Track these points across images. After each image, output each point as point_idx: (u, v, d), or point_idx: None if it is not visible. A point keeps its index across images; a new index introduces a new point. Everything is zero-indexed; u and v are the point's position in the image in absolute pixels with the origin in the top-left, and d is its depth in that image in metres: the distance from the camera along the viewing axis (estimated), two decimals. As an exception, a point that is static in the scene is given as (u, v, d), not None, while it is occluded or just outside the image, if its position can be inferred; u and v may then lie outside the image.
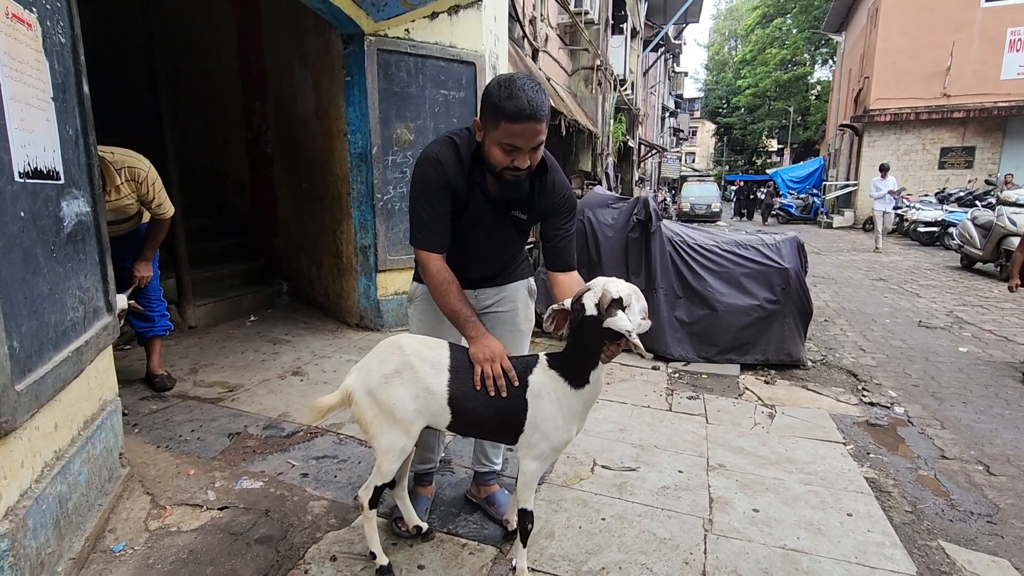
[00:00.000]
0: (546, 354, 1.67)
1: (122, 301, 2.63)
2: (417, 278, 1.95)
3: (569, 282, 1.79)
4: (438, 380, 1.57)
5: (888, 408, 3.25)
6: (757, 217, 21.53)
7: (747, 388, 3.48)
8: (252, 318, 4.57)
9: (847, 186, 18.03)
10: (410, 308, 2.00)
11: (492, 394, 1.56)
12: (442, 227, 1.69)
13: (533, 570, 1.76)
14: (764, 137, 42.28)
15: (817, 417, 3.05)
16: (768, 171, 28.34)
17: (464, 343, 1.70)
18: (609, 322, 1.47)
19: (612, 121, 11.95)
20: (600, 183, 9.79)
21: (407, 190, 4.25)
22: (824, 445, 2.71)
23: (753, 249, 3.97)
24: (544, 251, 1.87)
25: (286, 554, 1.79)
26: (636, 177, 18.23)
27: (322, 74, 4.17)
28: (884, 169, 10.98)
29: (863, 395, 3.44)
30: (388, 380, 1.57)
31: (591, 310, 1.50)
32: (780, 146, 42.14)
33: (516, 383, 1.58)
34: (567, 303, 1.59)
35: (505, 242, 1.86)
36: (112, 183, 2.60)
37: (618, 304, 1.48)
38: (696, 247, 4.02)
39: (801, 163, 25.20)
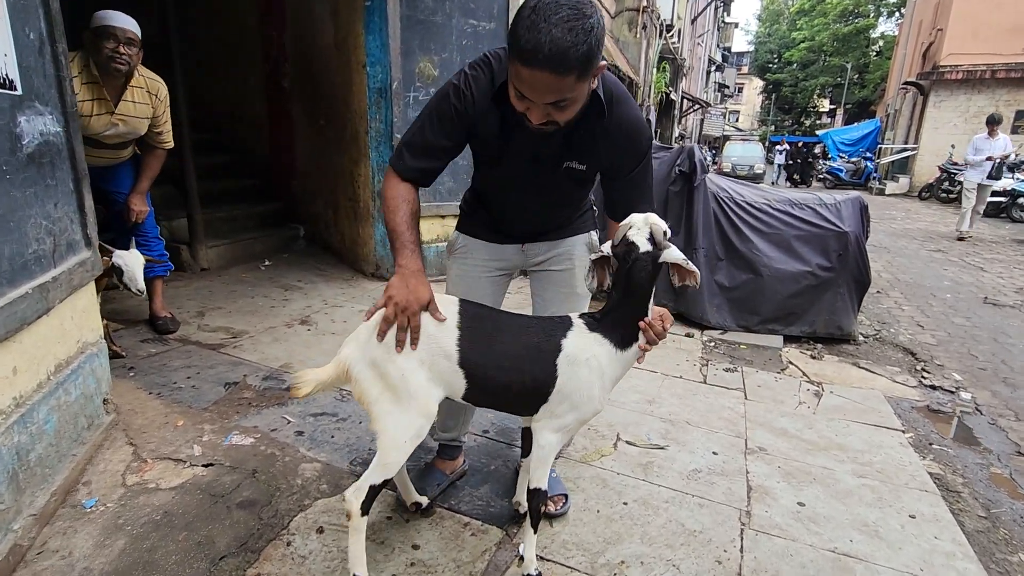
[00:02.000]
0: (582, 315, 1.40)
1: (134, 258, 2.44)
2: (459, 226, 1.69)
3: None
4: (448, 339, 1.31)
5: (952, 393, 2.90)
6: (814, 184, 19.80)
7: (791, 362, 3.16)
8: (266, 262, 4.41)
9: (905, 150, 16.80)
10: (448, 260, 1.73)
11: (398, 349, 1.27)
12: (425, 159, 1.39)
13: (542, 559, 1.55)
14: (815, 96, 39.78)
15: (871, 399, 2.73)
16: (818, 132, 26.69)
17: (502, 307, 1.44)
18: (667, 255, 1.29)
19: (655, 70, 11.19)
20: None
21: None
22: (880, 432, 2.40)
23: (809, 209, 3.56)
24: (605, 199, 1.54)
25: (268, 522, 1.61)
26: (676, 133, 17.33)
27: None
28: (994, 123, 7.64)
29: (923, 377, 3.08)
30: (391, 348, 1.29)
31: (646, 246, 1.28)
32: (832, 106, 39.63)
33: (415, 348, 1.29)
34: (606, 248, 1.33)
35: (559, 195, 1.53)
36: (129, 95, 2.47)
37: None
38: (744, 205, 3.62)
39: (854, 124, 23.61)
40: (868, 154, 18.50)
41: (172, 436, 2.00)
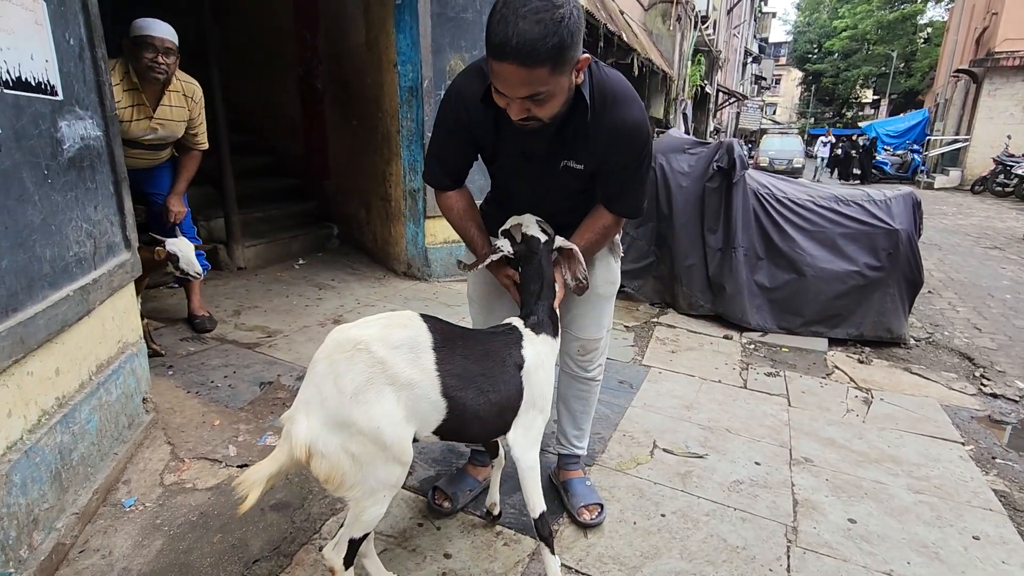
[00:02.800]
0: (519, 318, 1.39)
1: (185, 243, 2.50)
2: None
3: (601, 223, 1.48)
4: (424, 366, 1.16)
5: (1016, 403, 2.71)
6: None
7: (836, 367, 3.02)
8: (301, 261, 4.46)
9: (956, 141, 15.98)
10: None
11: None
12: (449, 164, 1.47)
13: (576, 572, 1.49)
14: (858, 87, 38.27)
15: (925, 407, 2.57)
16: (861, 124, 25.65)
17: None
18: (560, 241, 1.41)
19: (690, 63, 10.92)
20: (673, 128, 9.01)
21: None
22: (937, 443, 2.25)
23: (856, 206, 3.38)
24: (598, 188, 1.48)
25: (301, 525, 1.60)
26: (711, 127, 16.91)
27: (372, -3, 3.81)
28: None
29: (982, 384, 2.89)
30: (360, 396, 1.08)
31: (544, 236, 1.40)
32: (876, 97, 38.04)
33: None
34: (506, 247, 1.39)
35: (565, 195, 1.49)
36: (167, 99, 2.52)
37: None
38: (786, 201, 3.47)
39: (900, 115, 22.60)
40: (915, 146, 17.68)
41: (209, 436, 2.02)
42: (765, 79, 41.96)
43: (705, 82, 13.77)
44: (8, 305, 1.31)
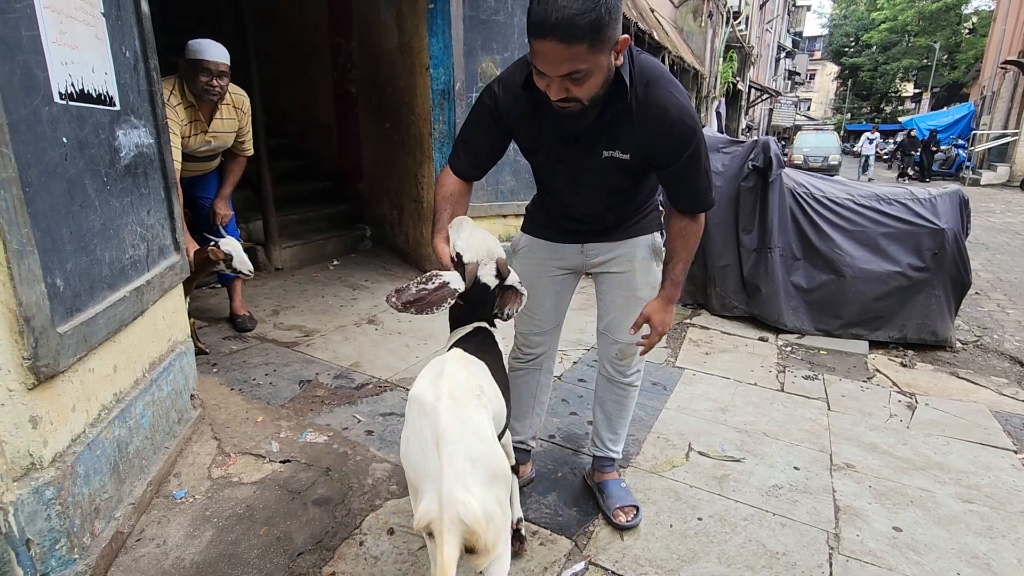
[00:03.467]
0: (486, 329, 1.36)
1: (235, 243, 2.60)
2: (523, 227, 1.70)
3: (686, 225, 1.45)
4: (495, 389, 1.17)
5: (1073, 409, 2.59)
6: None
7: (878, 370, 2.93)
8: (335, 262, 4.56)
9: (1004, 135, 15.29)
10: (512, 259, 1.66)
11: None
12: (472, 155, 1.47)
13: (613, 573, 1.50)
14: (897, 80, 36.95)
15: (974, 413, 2.48)
16: (901, 119, 24.78)
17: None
18: (511, 280, 1.35)
19: (721, 60, 10.74)
20: (706, 127, 8.87)
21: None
22: (987, 451, 2.17)
23: (899, 204, 3.28)
24: (665, 189, 1.48)
25: (342, 520, 1.65)
26: (743, 124, 16.58)
27: (405, 2, 3.86)
28: None
29: (1036, 390, 2.77)
30: (484, 426, 1.00)
31: (494, 282, 1.32)
32: (917, 90, 36.67)
33: None
34: (460, 286, 1.25)
35: (609, 187, 1.46)
36: (219, 113, 2.62)
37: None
38: (824, 200, 3.39)
39: (944, 109, 21.75)
40: (960, 141, 16.99)
41: (252, 432, 2.09)
42: (799, 74, 40.93)
43: (737, 79, 13.51)
44: (73, 306, 1.38)
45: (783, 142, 24.35)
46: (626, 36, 1.18)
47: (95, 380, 1.49)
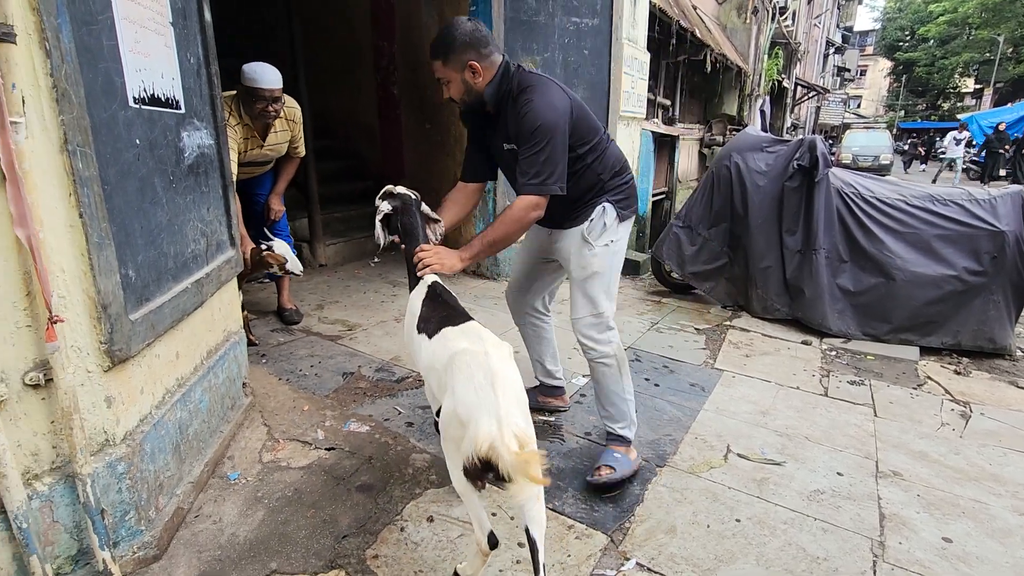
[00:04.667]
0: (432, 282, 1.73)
1: (284, 245, 2.71)
2: None
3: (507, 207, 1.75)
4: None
5: None
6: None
7: (929, 377, 2.82)
8: (376, 259, 4.68)
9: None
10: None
11: None
12: (467, 160, 2.01)
13: (649, 570, 1.51)
14: (957, 75, 35.06)
15: (1034, 425, 2.36)
16: (959, 116, 23.52)
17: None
18: (425, 208, 1.89)
19: (766, 57, 10.47)
20: (749, 125, 8.68)
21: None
22: (1048, 464, 2.07)
23: (955, 206, 3.15)
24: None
25: (384, 507, 1.71)
26: (788, 123, 16.09)
27: (446, 4, 3.94)
28: None
29: (1104, 402, 2.61)
30: (519, 377, 1.30)
31: (412, 193, 1.85)
32: (978, 86, 34.71)
33: None
34: (385, 207, 1.81)
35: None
36: (274, 127, 2.74)
37: None
38: (874, 201, 3.29)
39: (1007, 105, 20.54)
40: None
41: (299, 420, 2.18)
42: (849, 70, 39.36)
43: (782, 76, 13.13)
44: (142, 295, 1.48)
45: (830, 141, 23.50)
46: (477, 65, 1.67)
47: (160, 365, 1.60)
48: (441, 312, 1.56)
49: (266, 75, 2.54)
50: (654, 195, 6.09)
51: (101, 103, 1.31)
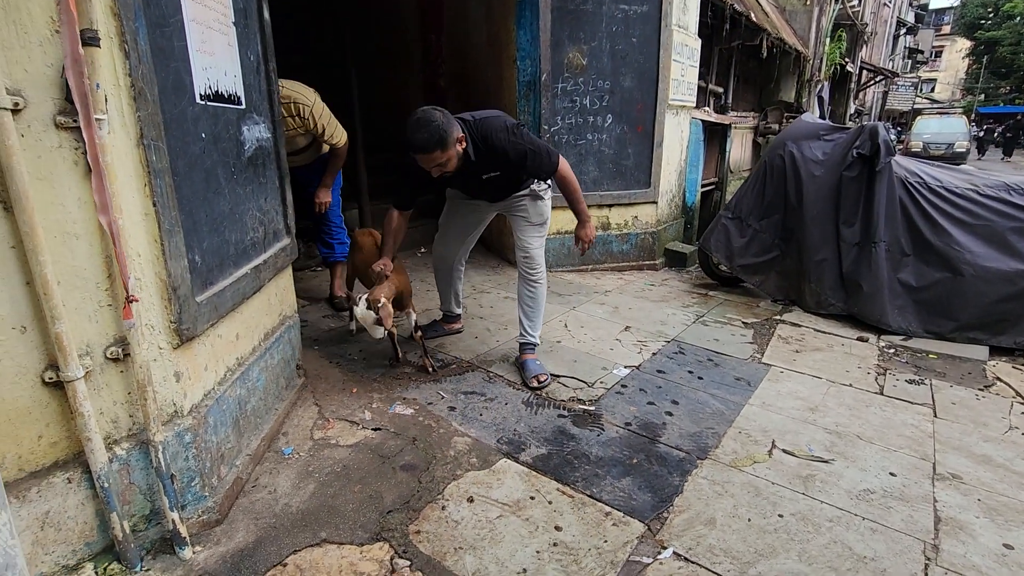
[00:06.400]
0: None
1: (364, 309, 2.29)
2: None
3: (558, 180, 2.40)
4: None
5: None
6: None
7: (999, 379, 2.66)
8: (422, 250, 4.79)
9: None
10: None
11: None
12: (401, 196, 2.46)
13: (686, 560, 1.51)
14: (1047, 54, 32.06)
15: (1117, 432, 2.19)
16: (1048, 99, 21.57)
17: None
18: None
19: (828, 40, 9.94)
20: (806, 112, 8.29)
21: (576, 121, 3.96)
22: None
23: (1034, 195, 2.93)
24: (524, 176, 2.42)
25: (427, 486, 1.78)
26: (852, 109, 15.24)
27: (495, -2, 3.96)
28: None
29: None
30: None
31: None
32: (1071, 65, 31.64)
33: None
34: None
35: (499, 186, 2.40)
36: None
37: None
38: (941, 191, 3.10)
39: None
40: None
41: (348, 401, 2.28)
42: (922, 52, 36.74)
43: (846, 60, 12.43)
44: (207, 279, 1.60)
45: (899, 128, 22.11)
46: (462, 135, 2.10)
47: (222, 345, 1.71)
48: None
49: None
50: (703, 186, 5.93)
51: (172, 100, 1.42)
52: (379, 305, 2.20)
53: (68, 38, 1.13)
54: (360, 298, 2.24)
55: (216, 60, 1.66)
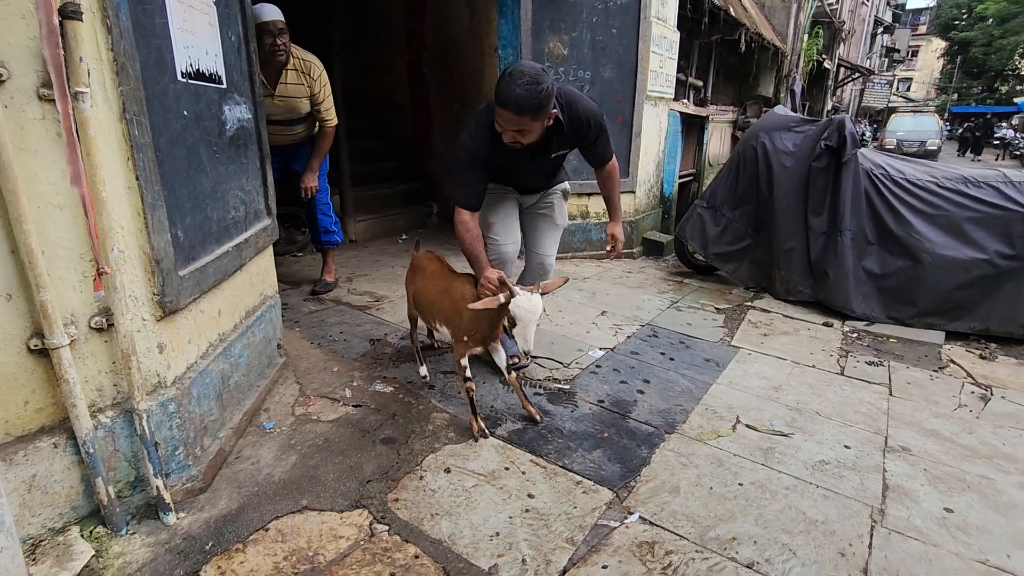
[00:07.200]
0: None
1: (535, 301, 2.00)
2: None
3: (609, 170, 2.26)
4: None
5: None
6: None
7: (952, 361, 2.80)
8: (404, 236, 4.82)
9: None
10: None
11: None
12: (478, 188, 2.04)
13: (650, 523, 1.60)
14: (1017, 56, 33.02)
15: (1056, 409, 2.34)
16: (1017, 100, 22.26)
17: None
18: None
19: (806, 36, 10.12)
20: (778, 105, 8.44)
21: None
22: (1064, 446, 2.06)
23: (988, 188, 3.08)
24: (586, 158, 2.24)
25: (406, 458, 1.84)
26: (829, 106, 15.53)
27: (477, -16, 3.99)
28: None
29: None
30: None
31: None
32: (1040, 67, 32.57)
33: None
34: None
35: (548, 170, 2.26)
36: (284, 78, 2.77)
37: None
38: (903, 182, 3.24)
39: (1071, 88, 19.32)
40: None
41: (329, 379, 2.33)
42: (898, 51, 37.45)
43: (823, 56, 12.66)
44: (189, 254, 1.63)
45: (875, 125, 22.56)
46: (555, 111, 1.88)
47: (205, 320, 1.75)
48: None
49: (266, 9, 2.60)
50: (681, 177, 6.04)
51: (154, 76, 1.44)
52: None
53: (44, 9, 1.15)
54: (525, 291, 1.81)
55: (197, 39, 1.68)
